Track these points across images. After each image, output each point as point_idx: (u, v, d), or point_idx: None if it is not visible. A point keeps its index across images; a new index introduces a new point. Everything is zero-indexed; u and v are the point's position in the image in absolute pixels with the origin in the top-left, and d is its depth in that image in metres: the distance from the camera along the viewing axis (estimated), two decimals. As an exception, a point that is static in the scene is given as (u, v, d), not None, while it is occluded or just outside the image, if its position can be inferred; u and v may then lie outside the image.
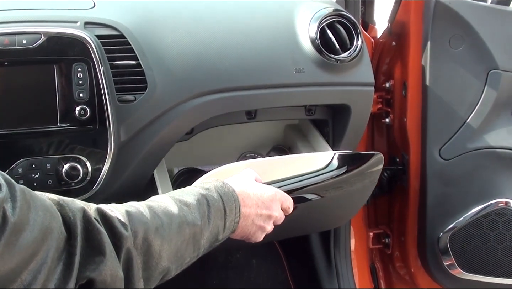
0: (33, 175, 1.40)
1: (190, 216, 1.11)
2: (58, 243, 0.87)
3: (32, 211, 0.84)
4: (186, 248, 1.12)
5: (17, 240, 0.79)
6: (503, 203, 1.87)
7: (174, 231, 1.08)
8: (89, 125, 1.42)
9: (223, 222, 1.19)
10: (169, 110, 1.50)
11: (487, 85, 1.84)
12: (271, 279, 2.49)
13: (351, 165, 1.58)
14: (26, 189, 0.86)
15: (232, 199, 1.22)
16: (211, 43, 1.59)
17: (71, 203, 0.95)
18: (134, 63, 1.47)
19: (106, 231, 0.95)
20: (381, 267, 2.35)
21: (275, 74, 1.62)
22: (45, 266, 0.83)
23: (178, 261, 1.11)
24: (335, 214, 1.86)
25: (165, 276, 1.10)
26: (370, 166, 1.63)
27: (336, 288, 2.19)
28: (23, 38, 1.36)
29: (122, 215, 1.01)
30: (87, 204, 0.99)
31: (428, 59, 1.85)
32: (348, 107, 1.73)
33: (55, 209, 0.90)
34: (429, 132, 1.89)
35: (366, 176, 1.65)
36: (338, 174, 1.56)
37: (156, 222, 1.05)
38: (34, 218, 0.83)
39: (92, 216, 0.95)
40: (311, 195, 1.56)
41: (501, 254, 1.90)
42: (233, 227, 1.23)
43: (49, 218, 0.86)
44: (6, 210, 0.79)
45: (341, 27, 1.69)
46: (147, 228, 1.02)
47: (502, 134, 1.88)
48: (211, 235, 1.17)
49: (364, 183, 1.68)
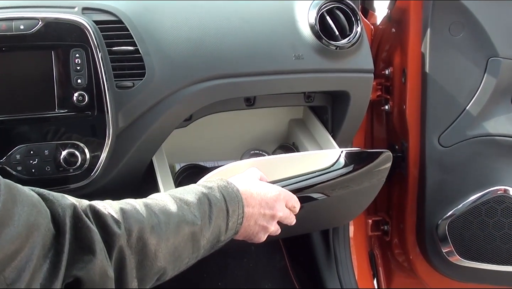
0: (31, 161, 1.39)
1: (190, 215, 1.09)
2: (44, 240, 0.84)
3: (18, 206, 0.81)
4: (184, 248, 1.09)
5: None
6: (502, 190, 1.87)
7: (172, 230, 1.05)
8: (87, 112, 1.42)
9: (225, 223, 1.17)
10: (168, 96, 1.50)
11: (487, 72, 1.84)
12: (270, 266, 2.49)
13: (358, 163, 1.55)
14: (12, 183, 0.83)
15: (236, 200, 1.20)
16: (210, 29, 1.58)
17: (61, 198, 0.92)
18: (132, 49, 1.47)
19: (97, 229, 0.93)
20: (379, 254, 2.35)
21: (274, 61, 1.62)
22: (30, 264, 0.81)
23: (175, 262, 1.08)
24: (341, 213, 1.86)
25: (161, 276, 1.07)
26: (378, 164, 1.60)
27: (335, 275, 2.20)
28: (21, 24, 1.35)
29: (116, 212, 0.98)
30: (79, 200, 0.97)
31: (427, 46, 1.85)
32: (347, 94, 1.73)
33: (43, 204, 0.88)
34: (428, 120, 1.89)
35: (374, 174, 1.63)
36: (345, 172, 1.53)
37: (153, 220, 1.02)
38: (19, 213, 0.80)
39: (83, 213, 0.93)
40: (317, 194, 1.55)
41: (500, 241, 1.91)
42: (236, 228, 1.21)
43: (35, 213, 0.84)
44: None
45: (341, 14, 1.68)
46: (142, 227, 1.00)
47: (501, 122, 1.87)
48: (212, 236, 1.15)
49: (372, 182, 1.66)
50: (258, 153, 1.88)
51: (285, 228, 1.41)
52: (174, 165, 1.84)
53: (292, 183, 1.47)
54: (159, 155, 1.64)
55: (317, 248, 2.26)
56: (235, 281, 2.41)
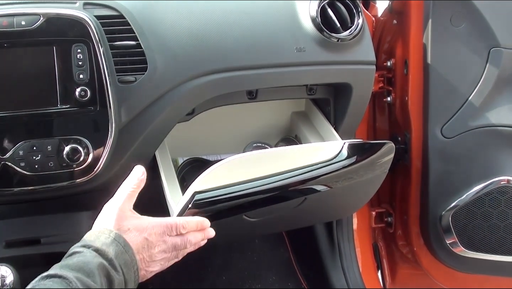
0: (34, 157, 1.40)
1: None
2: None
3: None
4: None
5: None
6: (505, 181, 1.87)
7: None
8: (90, 107, 1.42)
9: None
10: (170, 90, 1.50)
11: (489, 62, 1.84)
12: (274, 258, 2.49)
13: (361, 155, 1.55)
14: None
15: (132, 270, 1.18)
16: (212, 22, 1.58)
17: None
18: (134, 43, 1.47)
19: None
20: (383, 246, 2.35)
21: (275, 54, 1.62)
22: None
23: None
24: (344, 204, 1.86)
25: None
26: (380, 155, 1.60)
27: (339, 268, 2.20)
28: (22, 20, 1.35)
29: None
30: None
31: (429, 37, 1.84)
32: (349, 86, 1.72)
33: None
34: (431, 111, 1.89)
35: (377, 165, 1.63)
36: (348, 164, 1.53)
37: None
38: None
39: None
40: (321, 186, 1.55)
41: (504, 231, 1.91)
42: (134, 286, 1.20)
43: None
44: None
45: (342, 6, 1.68)
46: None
47: (504, 112, 1.87)
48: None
49: (374, 173, 1.66)
50: (260, 145, 1.88)
51: (289, 220, 1.42)
52: (177, 159, 1.84)
53: (295, 175, 1.47)
54: (162, 149, 1.64)
55: (321, 240, 2.26)
56: (239, 274, 2.42)
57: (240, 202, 1.45)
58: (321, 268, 2.25)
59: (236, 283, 2.39)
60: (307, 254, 2.36)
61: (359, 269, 2.20)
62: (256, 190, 1.44)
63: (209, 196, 1.39)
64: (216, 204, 1.41)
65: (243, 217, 1.57)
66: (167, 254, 1.27)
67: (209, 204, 1.40)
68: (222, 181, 1.40)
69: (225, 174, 1.41)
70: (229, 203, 1.43)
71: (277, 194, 1.49)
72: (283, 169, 1.46)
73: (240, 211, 1.52)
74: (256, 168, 1.45)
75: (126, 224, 1.22)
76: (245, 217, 1.57)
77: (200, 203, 1.37)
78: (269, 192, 1.47)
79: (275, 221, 1.74)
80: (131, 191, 1.27)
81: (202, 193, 1.37)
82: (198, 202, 1.37)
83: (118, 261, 1.14)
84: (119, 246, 1.16)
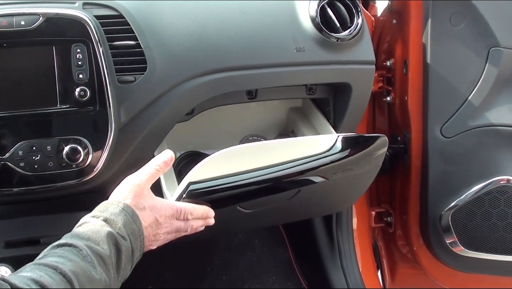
0: (34, 157, 1.40)
1: (107, 277, 1.11)
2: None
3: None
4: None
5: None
6: (505, 181, 1.87)
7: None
8: (89, 107, 1.42)
9: (131, 263, 1.21)
10: (169, 90, 1.50)
11: (488, 62, 1.84)
12: (273, 259, 2.50)
13: (355, 148, 1.58)
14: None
15: (139, 239, 1.23)
16: (211, 22, 1.58)
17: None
18: (133, 43, 1.47)
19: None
20: (383, 246, 2.35)
21: (275, 53, 1.62)
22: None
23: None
24: (339, 197, 1.87)
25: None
26: (374, 148, 1.62)
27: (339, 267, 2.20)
28: (21, 20, 1.36)
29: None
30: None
31: (429, 37, 1.84)
32: (349, 86, 1.72)
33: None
34: (430, 111, 1.89)
35: (371, 158, 1.65)
36: (342, 156, 1.55)
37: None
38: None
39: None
40: (315, 178, 1.56)
41: (503, 231, 1.90)
42: (136, 261, 1.25)
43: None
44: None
45: (341, 5, 1.68)
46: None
47: (503, 112, 1.87)
48: (120, 283, 1.18)
49: (369, 166, 1.68)
50: (255, 138, 1.89)
51: (285, 213, 1.44)
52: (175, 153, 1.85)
53: (288, 167, 1.49)
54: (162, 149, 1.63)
55: (321, 240, 2.26)
56: (239, 274, 2.42)
57: (234, 193, 1.47)
58: (321, 268, 2.25)
59: (236, 283, 2.39)
60: (307, 254, 2.37)
61: (359, 268, 2.20)
62: (249, 181, 1.46)
63: (203, 187, 1.41)
64: (210, 194, 1.42)
65: (238, 208, 1.59)
66: (168, 235, 1.34)
67: (203, 194, 1.41)
68: (217, 172, 1.42)
69: (219, 165, 1.43)
70: (222, 194, 1.45)
71: (270, 185, 1.51)
72: (276, 161, 1.48)
73: (234, 201, 1.55)
74: (250, 160, 1.46)
75: (143, 202, 1.27)
76: (239, 208, 1.60)
77: (194, 193, 1.39)
78: (262, 184, 1.49)
79: (270, 213, 1.76)
80: (154, 172, 1.32)
81: (196, 184, 1.39)
82: (193, 192, 1.39)
83: (126, 230, 1.19)
84: (127, 215, 1.21)
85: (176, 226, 1.34)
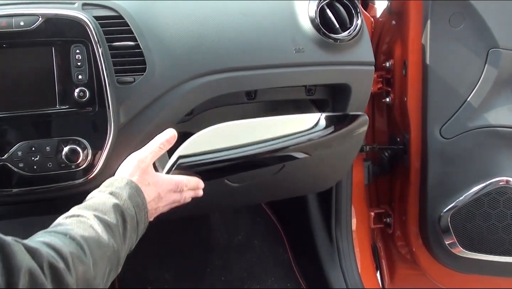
0: (33, 158, 1.39)
1: (115, 243, 1.16)
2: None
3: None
4: (109, 274, 1.16)
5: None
6: (504, 182, 1.87)
7: (106, 264, 1.13)
8: (89, 107, 1.42)
9: (136, 234, 1.27)
10: (169, 91, 1.50)
11: (487, 63, 1.84)
12: (273, 259, 2.50)
13: (336, 125, 1.66)
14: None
15: (143, 212, 1.29)
16: (210, 23, 1.58)
17: (19, 253, 0.92)
18: (132, 44, 1.47)
19: (53, 283, 0.97)
20: (382, 247, 2.36)
21: (274, 54, 1.62)
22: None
23: (106, 283, 1.15)
24: (322, 174, 1.92)
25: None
26: (355, 126, 1.70)
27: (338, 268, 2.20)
28: (21, 20, 1.35)
29: (67, 258, 1.02)
30: (38, 252, 0.98)
31: (428, 38, 1.85)
32: (348, 87, 1.72)
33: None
34: (429, 112, 1.89)
35: (351, 136, 1.73)
36: (324, 134, 1.64)
37: (93, 258, 1.08)
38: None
39: (40, 272, 0.94)
40: (298, 154, 1.64)
41: (502, 232, 1.91)
42: (141, 234, 1.31)
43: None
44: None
45: (341, 6, 1.68)
46: (87, 269, 1.05)
47: (502, 113, 1.87)
48: (125, 253, 1.23)
49: (350, 143, 1.75)
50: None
51: (271, 189, 1.51)
52: None
53: (274, 144, 1.57)
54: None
55: (320, 241, 2.27)
56: (238, 275, 2.42)
57: (220, 166, 1.55)
58: (320, 268, 2.25)
59: (235, 283, 2.39)
60: (306, 255, 2.37)
61: (358, 269, 2.20)
62: (234, 156, 1.54)
63: (192, 160, 1.48)
64: (198, 167, 1.49)
65: (225, 181, 1.66)
66: (165, 207, 1.41)
67: (191, 167, 1.48)
68: (205, 147, 1.50)
69: (208, 141, 1.50)
70: (210, 167, 1.52)
71: (255, 160, 1.60)
72: (262, 137, 1.56)
73: (221, 174, 1.63)
74: (237, 136, 1.54)
75: (147, 178, 1.35)
76: (227, 182, 1.66)
77: (183, 166, 1.47)
78: (246, 159, 1.56)
79: (258, 189, 1.81)
80: (158, 150, 1.40)
81: (185, 158, 1.46)
82: (182, 165, 1.46)
83: (131, 202, 1.25)
84: (132, 189, 1.28)
85: (173, 198, 1.41)
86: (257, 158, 1.59)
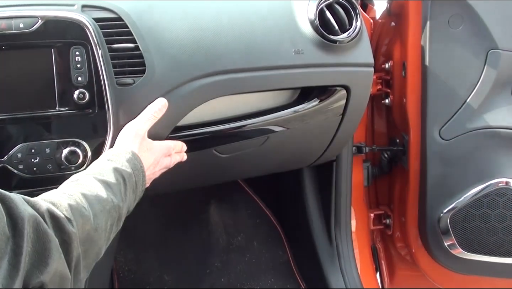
0: (33, 159, 1.40)
1: (115, 199, 1.19)
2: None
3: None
4: (111, 228, 1.19)
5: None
6: (504, 183, 1.87)
7: (106, 217, 1.15)
8: (88, 109, 1.42)
9: (134, 195, 1.30)
10: (168, 93, 1.50)
11: (487, 65, 1.84)
12: (272, 260, 2.50)
13: (312, 100, 1.72)
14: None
15: (141, 174, 1.32)
16: (209, 25, 1.58)
17: (20, 203, 0.95)
18: (132, 46, 1.47)
19: (55, 231, 0.99)
20: (382, 248, 2.36)
21: (274, 56, 1.62)
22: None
23: (107, 242, 1.18)
24: (305, 147, 1.93)
25: (97, 257, 1.15)
26: (333, 100, 1.74)
27: (338, 269, 2.20)
28: (20, 22, 1.35)
29: (66, 210, 1.05)
30: (37, 202, 1.01)
31: (427, 39, 1.85)
32: (347, 88, 1.72)
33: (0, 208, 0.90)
34: (429, 113, 1.89)
35: (330, 110, 1.76)
36: (303, 108, 1.72)
37: (93, 211, 1.11)
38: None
39: (40, 216, 0.97)
40: (277, 127, 1.72)
41: (502, 233, 1.91)
42: (139, 197, 1.34)
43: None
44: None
45: (340, 8, 1.68)
46: (87, 220, 1.08)
47: (502, 114, 1.87)
48: (125, 210, 1.26)
49: (327, 116, 1.77)
50: None
51: (260, 163, 1.76)
52: None
53: (253, 117, 1.67)
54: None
55: (320, 242, 2.26)
56: (237, 276, 2.42)
57: (208, 136, 1.64)
58: (320, 269, 2.25)
59: (234, 284, 2.39)
60: (306, 256, 2.37)
61: (357, 270, 2.20)
62: (217, 129, 1.65)
63: (181, 134, 1.58)
64: (187, 138, 1.59)
65: (214, 152, 1.71)
66: (159, 172, 1.48)
67: (182, 137, 1.58)
68: (192, 119, 1.60)
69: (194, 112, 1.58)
70: (198, 137, 1.62)
71: (239, 131, 1.69)
72: (240, 113, 1.67)
73: (209, 145, 1.69)
74: (221, 108, 1.65)
75: (145, 144, 1.40)
76: (215, 152, 1.71)
77: (173, 137, 1.56)
78: (229, 131, 1.67)
79: (246, 161, 1.84)
80: (153, 118, 1.43)
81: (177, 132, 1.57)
82: (172, 136, 1.56)
83: (130, 165, 1.29)
84: (128, 154, 1.31)
85: (165, 163, 1.48)
86: (241, 130, 1.68)
